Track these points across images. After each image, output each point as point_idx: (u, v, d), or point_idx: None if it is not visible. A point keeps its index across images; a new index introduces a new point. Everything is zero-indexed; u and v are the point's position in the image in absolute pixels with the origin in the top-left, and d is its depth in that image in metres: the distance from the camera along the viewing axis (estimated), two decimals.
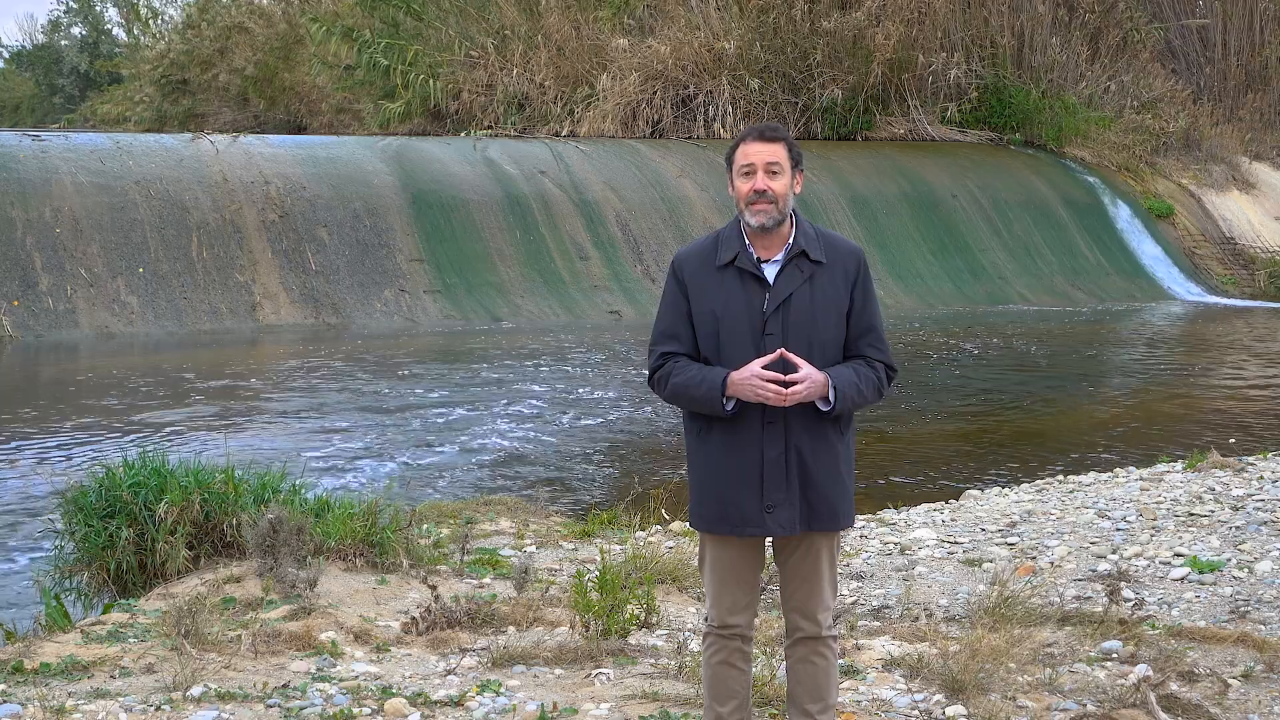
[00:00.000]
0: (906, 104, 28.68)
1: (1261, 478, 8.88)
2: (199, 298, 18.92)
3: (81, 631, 5.36)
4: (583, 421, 12.57)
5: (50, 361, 16.26)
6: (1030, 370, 16.44)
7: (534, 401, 13.53)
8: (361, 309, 19.62)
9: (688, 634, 5.38)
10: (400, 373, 15.27)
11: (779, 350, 3.65)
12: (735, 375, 3.65)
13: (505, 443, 11.56)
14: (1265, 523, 7.61)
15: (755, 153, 3.72)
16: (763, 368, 3.63)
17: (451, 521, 7.65)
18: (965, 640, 5.10)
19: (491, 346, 17.59)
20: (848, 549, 7.37)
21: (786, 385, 3.61)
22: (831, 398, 3.66)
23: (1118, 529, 7.72)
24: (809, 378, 3.62)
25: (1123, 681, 4.81)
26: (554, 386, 14.48)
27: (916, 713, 4.59)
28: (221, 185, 20.23)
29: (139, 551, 6.08)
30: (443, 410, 12.95)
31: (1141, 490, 8.75)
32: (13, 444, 11.15)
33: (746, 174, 3.73)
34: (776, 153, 3.73)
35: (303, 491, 6.60)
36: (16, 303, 17.62)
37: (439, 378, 15.01)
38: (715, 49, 27.79)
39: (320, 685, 4.74)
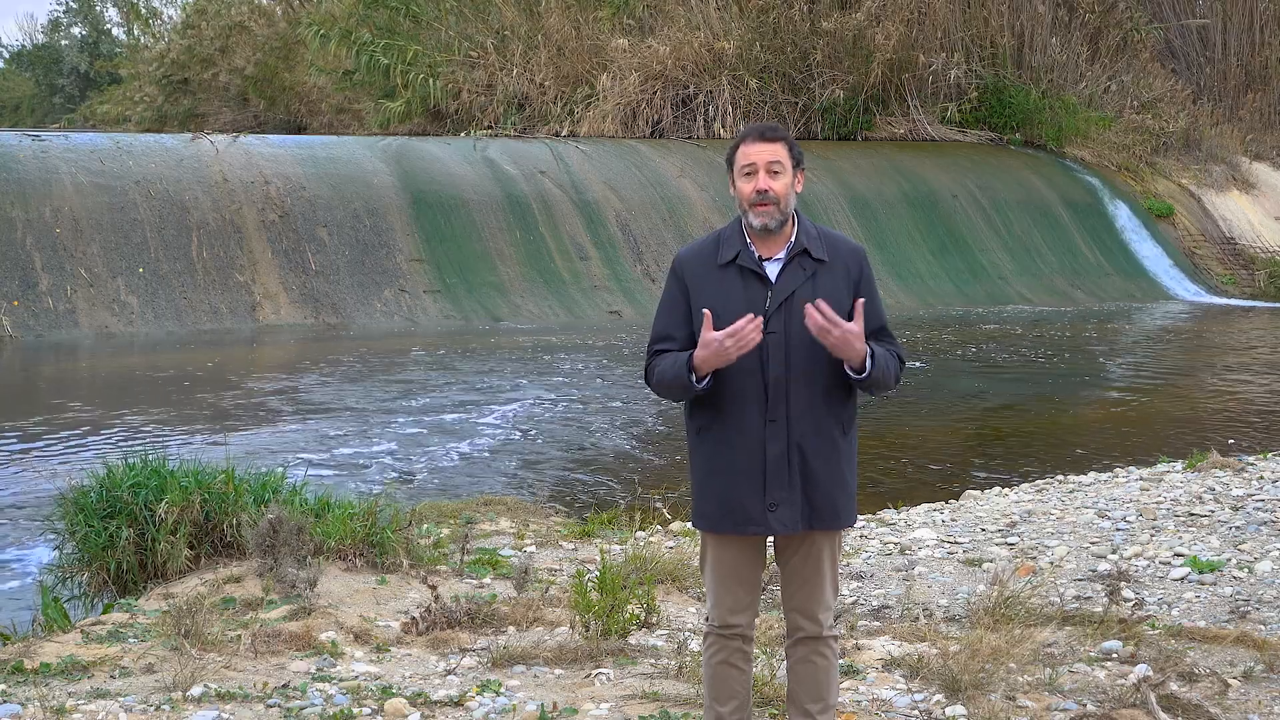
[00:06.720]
0: (906, 104, 28.68)
1: (1261, 478, 8.88)
2: (199, 298, 18.92)
3: (81, 631, 5.36)
4: (583, 421, 12.56)
5: (50, 361, 16.26)
6: (1030, 370, 16.43)
7: (534, 401, 13.52)
8: (361, 309, 19.62)
9: (688, 634, 5.38)
10: (400, 373, 15.27)
11: (753, 315, 3.59)
12: (699, 353, 3.60)
13: (505, 443, 11.55)
14: (1265, 523, 7.61)
15: (756, 153, 3.71)
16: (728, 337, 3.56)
17: (451, 521, 7.65)
18: (965, 640, 5.09)
19: (491, 346, 17.59)
20: (848, 549, 7.36)
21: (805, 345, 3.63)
22: (868, 365, 3.64)
23: (1118, 529, 7.72)
24: (850, 330, 3.57)
25: (1123, 681, 4.80)
26: (554, 386, 14.48)
27: (916, 713, 4.59)
28: (221, 185, 20.23)
29: (139, 551, 6.09)
30: (443, 410, 12.95)
31: (1141, 490, 8.75)
32: (13, 444, 11.15)
33: (748, 174, 3.73)
34: (777, 152, 3.72)
35: (303, 491, 6.60)
36: (16, 303, 17.62)
37: (439, 378, 15.01)
38: (715, 49, 27.78)
39: (320, 685, 4.74)
